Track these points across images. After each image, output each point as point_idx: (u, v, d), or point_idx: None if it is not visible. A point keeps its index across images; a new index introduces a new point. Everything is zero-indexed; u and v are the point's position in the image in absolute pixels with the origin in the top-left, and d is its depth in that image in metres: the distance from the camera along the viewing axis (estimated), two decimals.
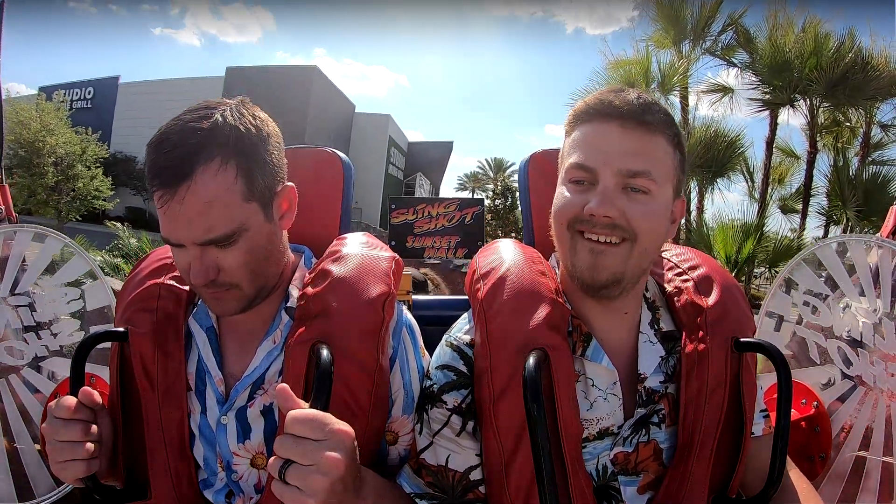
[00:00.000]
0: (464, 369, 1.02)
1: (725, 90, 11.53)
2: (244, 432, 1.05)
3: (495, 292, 1.01)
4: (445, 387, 1.02)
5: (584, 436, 0.97)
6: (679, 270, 1.11)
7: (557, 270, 1.07)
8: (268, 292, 1.04)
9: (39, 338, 1.64)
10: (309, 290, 1.03)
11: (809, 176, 11.08)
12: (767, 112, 10.94)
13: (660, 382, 1.01)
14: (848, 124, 11.41)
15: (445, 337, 1.09)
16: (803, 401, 1.53)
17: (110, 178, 24.81)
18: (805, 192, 11.21)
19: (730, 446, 1.00)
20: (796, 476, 1.07)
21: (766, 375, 1.30)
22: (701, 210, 11.12)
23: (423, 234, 1.72)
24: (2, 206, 1.65)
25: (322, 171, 1.31)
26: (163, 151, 0.89)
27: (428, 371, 1.08)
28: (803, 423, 1.51)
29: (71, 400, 0.93)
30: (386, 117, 41.90)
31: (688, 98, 11.43)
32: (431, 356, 1.10)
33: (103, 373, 1.48)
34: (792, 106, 10.80)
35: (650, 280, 1.09)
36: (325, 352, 0.89)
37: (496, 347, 0.96)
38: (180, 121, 0.91)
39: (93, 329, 1.66)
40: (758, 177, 11.33)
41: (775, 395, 0.97)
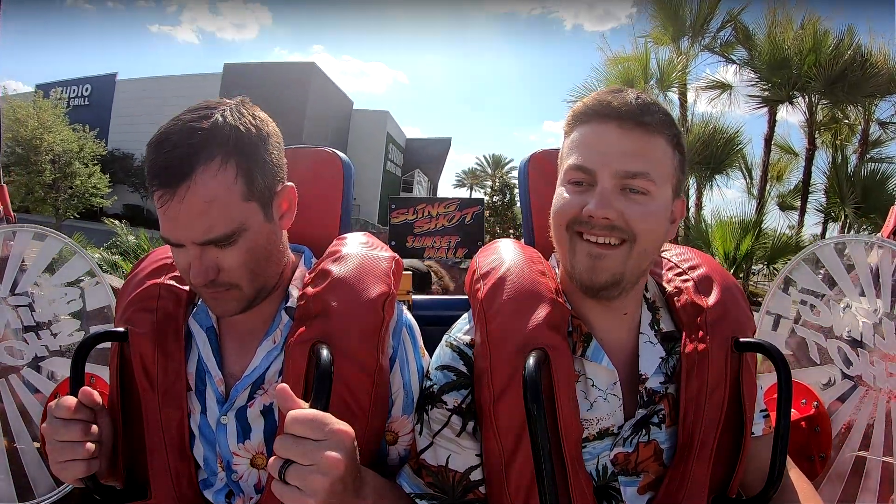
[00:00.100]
0: (464, 369, 1.02)
1: (724, 87, 11.51)
2: (244, 432, 1.05)
3: (495, 292, 1.01)
4: (445, 387, 1.02)
5: (584, 436, 0.97)
6: (679, 270, 1.10)
7: (557, 270, 1.07)
8: (267, 292, 1.04)
9: (39, 338, 1.64)
10: (309, 290, 1.03)
11: (808, 173, 11.07)
12: (766, 109, 10.91)
13: (660, 383, 1.01)
14: (846, 121, 11.40)
15: (445, 337, 1.08)
16: (803, 401, 1.53)
17: (108, 176, 24.71)
18: (803, 189, 11.20)
19: (730, 446, 1.00)
20: (796, 476, 1.07)
21: (766, 375, 1.30)
22: (699, 207, 11.11)
23: (423, 234, 1.72)
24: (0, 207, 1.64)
25: (322, 171, 1.30)
26: (163, 151, 0.89)
27: (428, 371, 1.07)
28: (803, 423, 1.51)
29: (71, 400, 0.93)
30: (384, 114, 41.89)
31: (686, 95, 11.42)
32: (431, 356, 1.10)
33: (103, 373, 1.48)
34: (791, 103, 10.77)
35: (650, 280, 1.09)
36: (325, 352, 0.89)
37: (496, 347, 0.96)
38: (180, 120, 0.91)
39: (93, 329, 1.66)
40: (756, 174, 11.32)
41: (775, 395, 0.97)
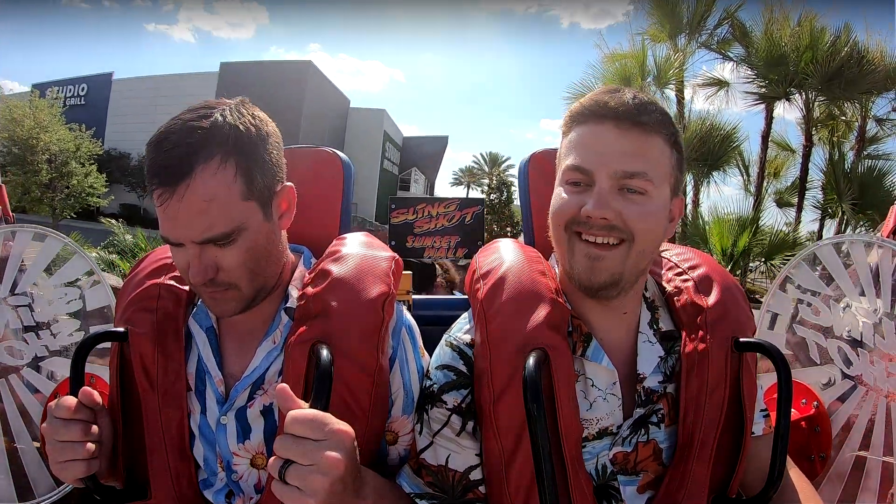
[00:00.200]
0: (464, 369, 1.02)
1: (721, 84, 11.50)
2: (244, 432, 1.05)
3: (495, 292, 1.01)
4: (445, 387, 1.02)
5: (584, 436, 0.97)
6: (679, 270, 1.10)
7: (557, 270, 1.07)
8: (267, 292, 1.04)
9: (39, 338, 1.64)
10: (308, 291, 1.03)
11: (805, 170, 11.07)
12: (763, 106, 10.90)
13: (658, 382, 1.01)
14: (843, 118, 11.41)
15: (445, 337, 1.08)
16: (803, 401, 1.53)
17: (104, 175, 24.63)
18: (800, 186, 11.21)
19: (730, 446, 1.00)
20: (796, 476, 1.07)
21: (766, 375, 1.30)
22: (697, 203, 11.12)
23: (423, 234, 1.72)
24: None
25: (321, 171, 1.30)
26: (162, 150, 0.89)
27: (428, 371, 1.08)
28: (803, 423, 1.51)
29: (71, 400, 0.93)
30: (381, 112, 41.79)
31: (683, 92, 11.41)
32: (431, 356, 1.10)
33: (103, 373, 1.48)
34: (787, 100, 10.78)
35: (650, 280, 1.09)
36: (325, 352, 0.89)
37: (496, 347, 0.96)
38: (180, 120, 0.91)
39: (93, 329, 1.66)
40: (753, 170, 11.31)
41: (775, 395, 0.97)
